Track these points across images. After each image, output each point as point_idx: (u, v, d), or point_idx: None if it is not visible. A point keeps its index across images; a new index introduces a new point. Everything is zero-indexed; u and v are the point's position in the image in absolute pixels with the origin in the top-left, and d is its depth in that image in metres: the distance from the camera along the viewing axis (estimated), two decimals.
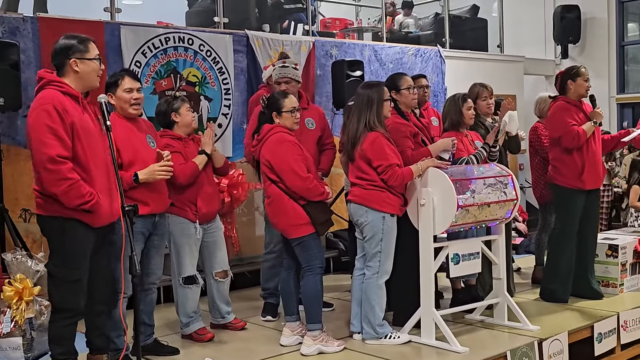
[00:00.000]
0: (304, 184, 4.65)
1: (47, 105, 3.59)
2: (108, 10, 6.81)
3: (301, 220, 4.68)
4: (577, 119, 5.60)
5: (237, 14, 7.88)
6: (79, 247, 3.74)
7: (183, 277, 4.84)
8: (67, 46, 3.73)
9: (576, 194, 5.68)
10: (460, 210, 4.61)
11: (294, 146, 4.73)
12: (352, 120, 4.71)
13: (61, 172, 3.56)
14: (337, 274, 7.28)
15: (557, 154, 5.74)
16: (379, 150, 4.59)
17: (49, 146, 3.54)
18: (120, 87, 4.39)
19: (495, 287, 5.18)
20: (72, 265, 3.72)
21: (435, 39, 9.92)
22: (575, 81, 5.67)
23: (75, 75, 3.73)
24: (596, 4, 10.99)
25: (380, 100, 4.71)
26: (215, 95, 7.14)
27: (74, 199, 3.60)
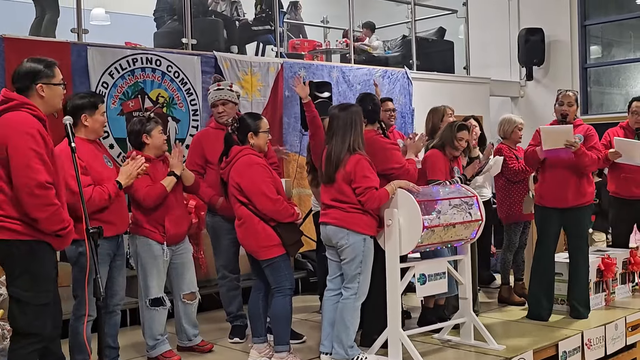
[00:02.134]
0: (274, 206, 4.67)
1: (31, 129, 3.51)
2: (75, 31, 6.79)
3: (272, 242, 4.70)
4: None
5: (205, 36, 7.92)
6: (48, 270, 3.68)
7: (150, 299, 4.81)
8: (34, 70, 3.65)
9: (546, 212, 5.80)
10: (425, 231, 4.65)
11: (263, 168, 4.75)
12: (335, 142, 4.70)
13: (48, 197, 3.51)
14: (305, 294, 7.28)
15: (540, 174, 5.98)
16: (360, 172, 4.62)
17: (37, 171, 3.48)
18: (100, 110, 4.43)
19: (462, 307, 5.22)
20: (41, 289, 3.63)
21: (402, 61, 10.04)
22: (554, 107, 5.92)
23: (41, 100, 3.66)
24: (559, 27, 11.22)
25: (361, 121, 4.77)
26: (183, 116, 7.14)
27: (55, 224, 3.56)
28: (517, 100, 11.56)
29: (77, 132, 4.33)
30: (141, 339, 5.01)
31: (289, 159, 7.89)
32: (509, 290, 6.59)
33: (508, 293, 6.58)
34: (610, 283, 6.39)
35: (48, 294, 3.66)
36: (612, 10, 11.16)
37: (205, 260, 6.53)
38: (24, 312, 3.59)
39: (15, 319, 3.63)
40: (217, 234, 5.44)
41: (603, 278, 6.31)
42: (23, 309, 3.59)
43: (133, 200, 4.76)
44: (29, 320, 3.60)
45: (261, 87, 7.71)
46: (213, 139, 5.39)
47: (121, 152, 6.51)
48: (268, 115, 7.14)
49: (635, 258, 6.67)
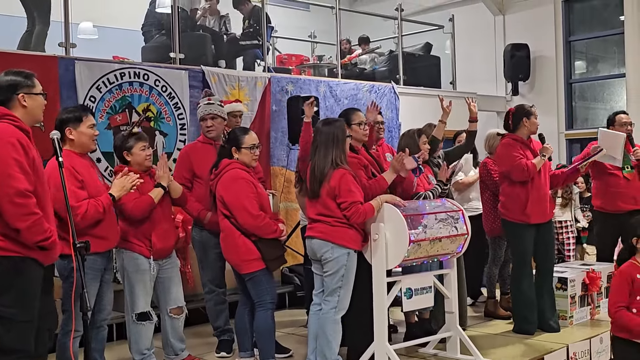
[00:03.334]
0: (255, 221, 4.71)
1: (11, 138, 3.50)
2: (63, 45, 6.79)
3: (252, 256, 4.73)
4: (523, 154, 5.77)
5: (193, 50, 7.93)
6: (33, 286, 3.62)
7: (136, 313, 4.79)
8: (14, 82, 3.66)
9: (523, 228, 5.81)
10: (412, 245, 4.68)
11: (248, 184, 4.78)
12: (318, 157, 4.72)
13: (28, 206, 3.48)
14: (292, 309, 7.28)
15: (503, 188, 5.92)
16: (344, 187, 4.64)
17: (17, 180, 3.45)
18: (85, 123, 4.43)
19: (448, 321, 5.24)
20: (26, 306, 3.57)
21: (389, 76, 10.09)
22: (529, 119, 5.88)
23: (23, 110, 3.66)
24: (545, 42, 11.33)
25: (344, 136, 4.79)
26: (171, 130, 7.15)
27: (37, 234, 3.51)
28: (503, 114, 11.57)
29: (66, 146, 4.35)
30: (128, 354, 4.99)
31: (276, 173, 7.91)
32: (495, 304, 6.63)
33: (494, 307, 6.61)
34: (595, 297, 6.43)
35: (32, 311, 3.60)
36: (596, 26, 11.28)
37: (192, 274, 6.52)
38: (8, 330, 3.52)
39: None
40: (204, 248, 5.45)
41: (588, 292, 6.35)
42: (7, 326, 3.52)
43: (121, 213, 4.76)
44: (12, 337, 3.53)
45: (248, 102, 7.73)
46: (201, 153, 5.41)
47: (108, 166, 6.51)
48: (255, 129, 7.14)
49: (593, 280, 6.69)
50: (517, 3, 11.63)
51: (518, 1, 11.61)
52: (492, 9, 11.75)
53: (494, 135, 6.68)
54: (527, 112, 5.91)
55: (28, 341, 3.60)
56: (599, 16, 11.26)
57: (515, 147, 5.80)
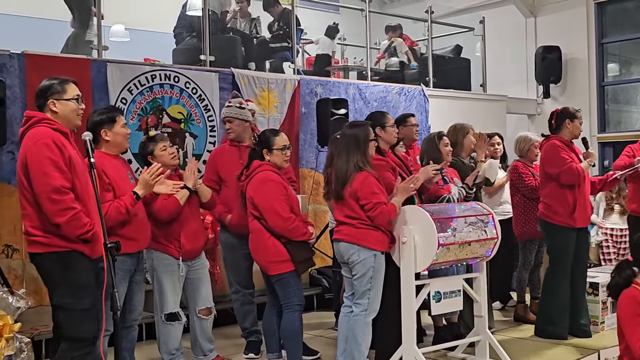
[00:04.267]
0: (285, 224, 4.73)
1: (46, 139, 3.69)
2: (95, 48, 6.88)
3: (281, 257, 4.75)
4: (570, 157, 5.72)
5: (223, 52, 7.98)
6: (83, 277, 3.80)
7: (165, 313, 4.83)
8: (46, 87, 3.85)
9: (568, 232, 5.75)
10: (441, 249, 4.65)
11: (278, 186, 4.80)
12: (341, 160, 4.73)
13: (65, 202, 3.66)
14: (320, 311, 7.27)
15: (549, 191, 5.81)
16: (368, 189, 4.63)
17: (53, 177, 3.64)
18: (118, 122, 4.48)
19: (477, 325, 5.20)
20: (81, 295, 3.77)
21: (419, 78, 10.06)
22: (573, 122, 5.83)
23: (55, 115, 3.82)
24: (577, 45, 11.21)
25: (367, 139, 4.77)
26: (201, 132, 7.20)
27: (76, 228, 3.69)
28: (534, 117, 11.54)
29: (102, 148, 4.42)
30: (157, 354, 5.03)
31: (305, 175, 7.92)
32: (524, 308, 6.56)
33: (524, 311, 6.54)
34: None
35: (88, 300, 3.79)
36: (629, 28, 11.13)
37: (221, 275, 6.56)
38: (69, 319, 3.77)
39: (61, 326, 3.80)
40: (230, 249, 5.50)
41: None
42: (65, 315, 3.77)
43: (149, 214, 4.80)
44: (74, 326, 3.77)
45: (278, 104, 7.77)
46: (226, 156, 5.47)
47: (139, 168, 6.56)
48: (285, 131, 7.09)
49: None
50: (549, 5, 11.52)
51: (550, 3, 11.50)
52: (523, 10, 11.65)
53: (525, 137, 6.62)
54: (572, 114, 5.87)
55: (89, 329, 3.82)
56: (632, 18, 11.10)
57: (564, 149, 5.74)
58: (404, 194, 4.74)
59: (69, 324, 3.77)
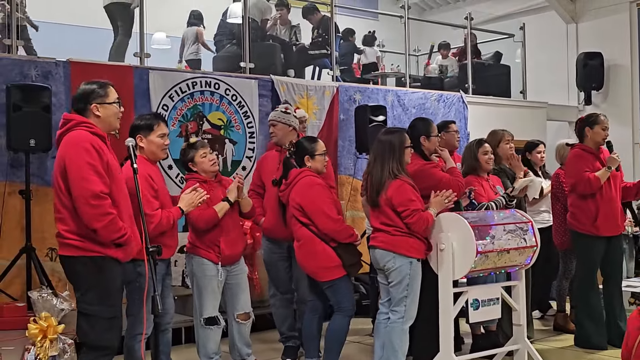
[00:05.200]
0: (336, 225, 4.77)
1: (85, 144, 3.68)
2: (137, 55, 7.00)
3: (332, 263, 4.79)
4: (591, 166, 5.63)
5: (262, 60, 8.06)
6: (114, 284, 3.81)
7: (204, 317, 4.88)
8: (88, 92, 3.84)
9: (593, 240, 5.68)
10: (479, 256, 4.63)
11: (325, 189, 4.87)
12: (376, 167, 4.75)
13: (104, 207, 3.65)
14: (357, 317, 7.22)
15: (573, 200, 5.78)
16: (403, 196, 4.64)
17: (92, 182, 3.63)
18: (155, 131, 4.50)
19: (516, 334, 5.15)
20: (109, 303, 3.76)
21: (458, 85, 10.02)
22: (592, 129, 5.72)
23: (97, 119, 3.83)
24: (619, 51, 11.04)
25: (402, 147, 4.78)
26: (240, 138, 7.28)
27: (112, 232, 3.68)
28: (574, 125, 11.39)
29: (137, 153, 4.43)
30: (196, 357, 5.08)
31: (343, 182, 7.94)
32: (564, 317, 6.49)
33: (564, 321, 6.48)
34: None
35: (116, 308, 3.80)
36: None
37: (259, 280, 6.60)
38: (93, 326, 3.73)
39: (85, 333, 3.76)
40: (267, 252, 5.64)
41: None
42: (92, 323, 3.73)
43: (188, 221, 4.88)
44: (98, 334, 3.73)
45: (317, 111, 7.81)
46: (268, 161, 5.59)
47: (179, 173, 6.67)
48: (323, 138, 7.20)
49: None
50: (591, 11, 11.38)
51: (592, 9, 11.36)
52: (564, 17, 11.53)
53: (564, 145, 6.56)
54: (591, 121, 5.76)
55: (112, 337, 3.80)
56: None
57: (583, 158, 5.66)
58: (438, 207, 4.74)
59: (93, 331, 3.73)
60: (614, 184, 5.69)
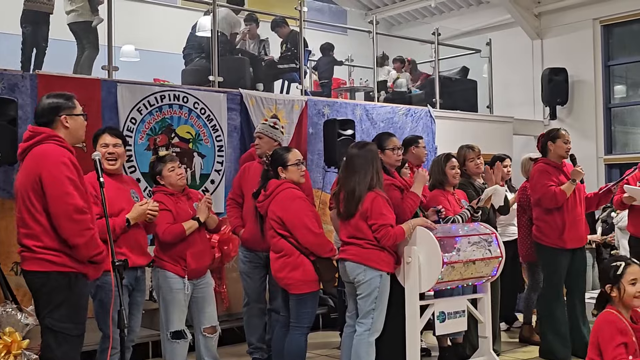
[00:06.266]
0: (317, 239, 4.78)
1: (63, 158, 3.64)
2: (105, 68, 6.97)
3: (309, 277, 4.79)
4: (556, 179, 5.72)
5: (231, 73, 8.07)
6: (83, 301, 3.78)
7: (171, 331, 4.85)
8: (55, 104, 3.80)
9: (559, 253, 5.76)
10: (445, 267, 4.68)
11: (306, 202, 4.88)
12: (352, 180, 4.76)
13: (85, 222, 3.62)
14: (326, 330, 7.29)
15: (538, 213, 5.86)
16: (377, 209, 4.68)
17: (74, 197, 3.59)
18: (98, 142, 4.55)
19: (481, 346, 5.21)
20: (78, 320, 3.72)
21: (425, 99, 10.12)
22: (555, 142, 5.82)
23: (66, 131, 3.79)
24: (583, 67, 11.25)
25: (378, 159, 4.84)
26: (209, 152, 7.27)
27: (92, 248, 3.66)
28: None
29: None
30: None
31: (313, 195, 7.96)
32: (530, 329, 6.57)
33: (529, 332, 6.56)
34: None
35: (83, 326, 3.76)
36: (636, 50, 11.17)
37: (227, 294, 6.60)
38: (61, 344, 3.66)
39: (51, 349, 3.67)
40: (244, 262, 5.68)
41: None
42: (60, 340, 3.66)
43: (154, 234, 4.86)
44: (65, 352, 3.67)
45: (285, 124, 7.82)
46: (251, 173, 5.63)
47: (147, 187, 6.64)
48: None
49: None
50: (556, 27, 11.59)
51: (556, 25, 11.58)
52: (530, 33, 11.73)
53: (528, 159, 6.66)
54: (552, 135, 5.86)
55: (77, 355, 3.75)
56: (639, 40, 11.15)
57: (547, 172, 5.74)
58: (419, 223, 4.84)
59: (60, 349, 3.65)
60: (578, 196, 5.79)
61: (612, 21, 11.12)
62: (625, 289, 3.70)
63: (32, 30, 7.10)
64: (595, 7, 11.09)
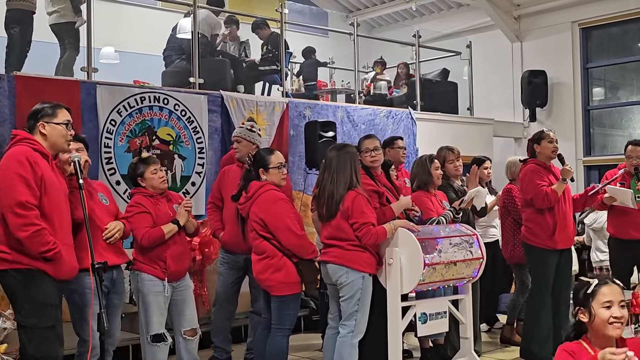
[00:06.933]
0: (300, 241, 4.77)
1: (19, 156, 3.75)
2: (85, 70, 6.92)
3: (292, 279, 4.77)
4: (547, 180, 5.75)
5: (212, 75, 8.04)
6: (46, 296, 3.80)
7: (151, 335, 4.81)
8: (37, 110, 3.94)
9: (549, 254, 5.77)
10: (427, 268, 4.69)
11: (288, 204, 4.87)
12: (332, 181, 4.77)
13: (29, 217, 3.69)
14: (308, 332, 7.28)
15: (529, 214, 5.87)
16: (357, 208, 4.68)
17: (18, 192, 3.68)
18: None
19: (463, 346, 5.23)
20: (43, 313, 3.77)
21: (406, 101, 10.14)
22: (540, 144, 5.85)
23: (42, 137, 3.89)
24: (562, 69, 11.33)
25: (357, 160, 4.85)
26: (189, 154, 7.23)
27: (38, 245, 3.71)
28: (520, 141, 11.64)
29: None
30: None
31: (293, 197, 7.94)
32: (511, 330, 6.60)
33: (510, 333, 6.58)
34: None
35: (51, 318, 3.79)
36: (614, 53, 11.28)
37: (208, 297, 6.56)
38: (31, 339, 3.75)
39: (24, 345, 3.78)
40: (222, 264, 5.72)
41: None
42: (29, 335, 3.76)
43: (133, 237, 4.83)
44: (36, 346, 3.75)
45: (267, 126, 7.81)
46: (230, 176, 5.64)
47: (127, 189, 6.59)
48: None
49: (637, 300, 6.65)
50: (535, 30, 11.66)
51: (536, 28, 11.65)
52: (509, 35, 11.80)
53: (515, 161, 6.69)
54: (537, 137, 5.90)
55: (51, 348, 3.79)
56: (617, 43, 11.26)
57: (537, 172, 5.76)
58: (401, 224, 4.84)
59: (33, 344, 3.76)
60: (567, 196, 5.82)
61: (590, 24, 11.21)
62: (597, 313, 2.94)
63: (21, 30, 6.98)
64: (574, 10, 11.17)
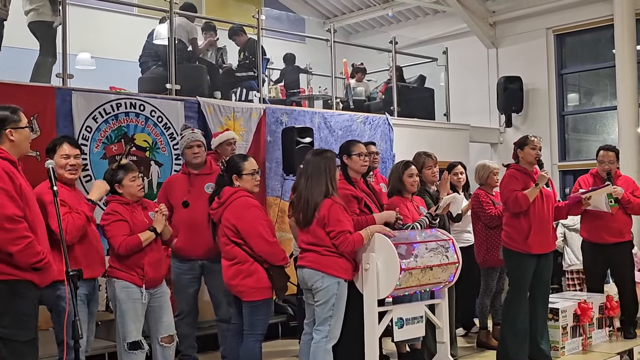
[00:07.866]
0: (271, 248, 4.78)
1: None
2: (60, 76, 6.87)
3: (263, 284, 4.78)
4: (525, 185, 5.78)
5: (189, 81, 8.01)
6: (30, 307, 3.75)
7: (128, 342, 4.79)
8: (1, 118, 3.82)
9: (527, 258, 5.78)
10: (403, 273, 4.71)
11: (260, 211, 4.88)
12: (307, 187, 4.79)
13: (19, 230, 3.61)
14: (285, 339, 7.28)
15: (507, 218, 5.92)
16: (334, 216, 4.70)
17: (4, 206, 3.59)
18: (58, 152, 4.48)
19: (439, 351, 5.26)
20: (25, 326, 3.71)
21: (383, 107, 10.19)
22: (522, 150, 5.91)
23: (11, 144, 3.82)
24: (537, 75, 11.44)
25: (334, 167, 4.86)
26: (166, 160, 7.20)
27: (30, 257, 3.64)
28: (496, 146, 11.74)
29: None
30: None
31: (270, 203, 7.95)
32: (487, 334, 6.65)
33: (486, 337, 6.63)
34: (587, 328, 6.45)
35: (31, 331, 3.73)
36: (588, 59, 11.41)
37: None
38: (12, 352, 3.67)
39: (3, 357, 3.69)
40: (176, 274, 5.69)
41: (579, 323, 6.37)
42: (9, 347, 3.67)
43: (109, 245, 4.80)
44: (15, 358, 3.67)
45: (244, 132, 7.81)
46: (176, 184, 5.71)
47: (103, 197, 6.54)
48: None
49: (611, 303, 6.74)
50: (510, 36, 11.77)
51: (511, 35, 11.76)
52: (485, 42, 11.89)
53: (483, 165, 6.76)
54: (520, 143, 5.96)
55: None
56: (591, 49, 11.39)
57: (515, 178, 5.81)
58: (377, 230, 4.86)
59: (11, 356, 3.67)
60: (547, 202, 5.84)
61: (564, 31, 11.33)
62: None
63: None
64: (548, 17, 11.29)
